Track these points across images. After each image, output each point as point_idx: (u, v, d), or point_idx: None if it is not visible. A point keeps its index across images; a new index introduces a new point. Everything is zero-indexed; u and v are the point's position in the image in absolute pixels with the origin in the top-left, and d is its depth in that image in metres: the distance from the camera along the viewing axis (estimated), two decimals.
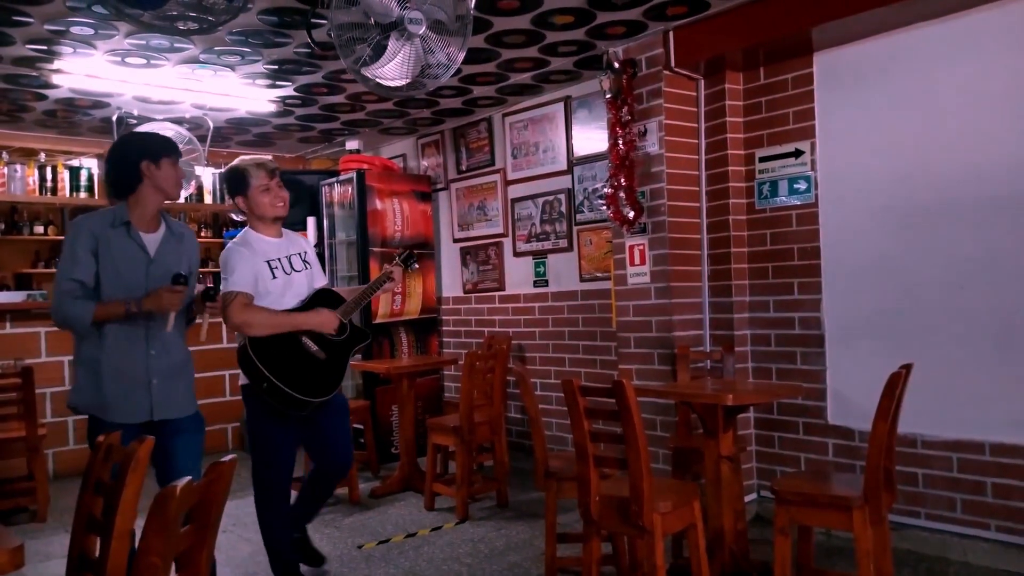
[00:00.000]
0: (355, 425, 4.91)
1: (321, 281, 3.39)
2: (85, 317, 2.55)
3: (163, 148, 2.75)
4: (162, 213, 2.79)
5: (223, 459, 1.43)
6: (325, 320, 3.15)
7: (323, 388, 3.14)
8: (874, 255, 3.82)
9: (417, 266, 3.81)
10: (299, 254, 3.28)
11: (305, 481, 3.49)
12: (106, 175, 2.80)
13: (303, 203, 6.67)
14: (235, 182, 3.20)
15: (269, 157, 3.49)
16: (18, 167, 6.67)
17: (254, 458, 3.23)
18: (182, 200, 6.20)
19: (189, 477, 1.32)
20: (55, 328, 5.70)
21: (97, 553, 1.58)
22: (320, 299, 3.25)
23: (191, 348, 2.87)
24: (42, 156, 6.74)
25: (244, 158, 3.25)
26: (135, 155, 2.68)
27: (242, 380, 3.15)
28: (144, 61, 4.50)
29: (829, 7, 3.56)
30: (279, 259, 3.18)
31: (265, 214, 3.18)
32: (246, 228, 3.24)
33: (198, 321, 2.82)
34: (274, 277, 3.13)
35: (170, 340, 2.72)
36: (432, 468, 4.55)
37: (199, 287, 2.90)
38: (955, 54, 3.51)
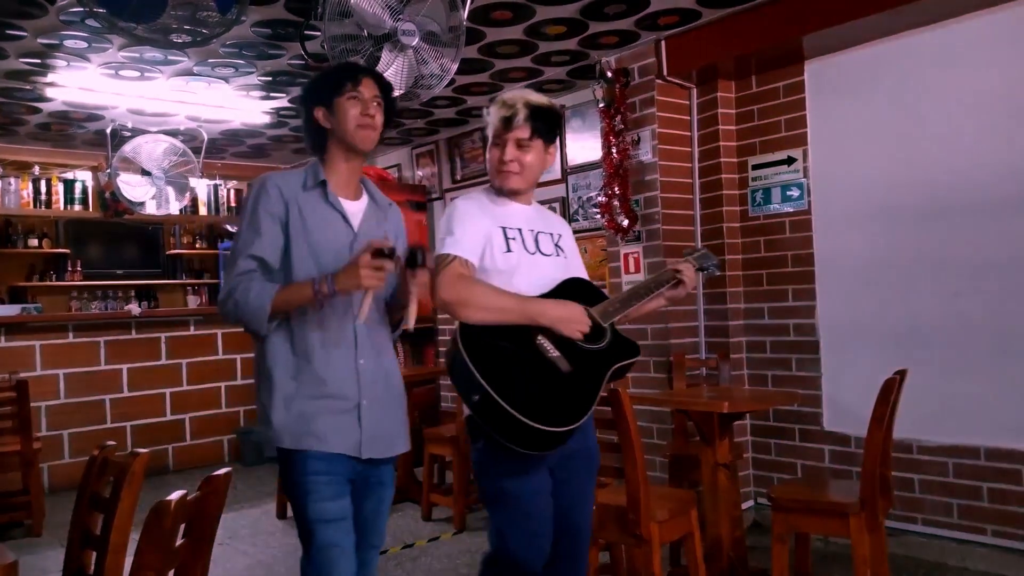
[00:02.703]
0: None
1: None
2: (264, 305, 1.86)
3: (336, 84, 2.03)
4: (363, 180, 2.16)
5: (218, 472, 1.43)
6: (571, 315, 2.08)
7: (565, 414, 1.98)
8: (868, 261, 3.83)
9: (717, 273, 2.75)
10: (551, 235, 2.32)
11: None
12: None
13: None
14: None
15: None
16: (12, 180, 6.67)
17: (495, 529, 2.14)
18: (176, 211, 6.17)
19: (184, 492, 1.31)
20: (51, 341, 5.66)
21: (93, 568, 1.58)
22: (568, 291, 2.22)
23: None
24: (36, 169, 6.74)
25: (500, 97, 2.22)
26: (309, 102, 2.09)
27: (466, 409, 2.09)
28: (138, 74, 4.51)
29: (819, 16, 3.59)
30: (520, 230, 2.22)
31: (495, 178, 2.23)
32: (481, 187, 2.35)
33: (405, 315, 1.98)
34: (508, 250, 2.17)
35: (382, 344, 2.08)
36: (429, 478, 4.54)
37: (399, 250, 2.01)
38: (944, 61, 3.54)
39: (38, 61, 4.22)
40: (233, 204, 7.95)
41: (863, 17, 3.44)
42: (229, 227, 8.19)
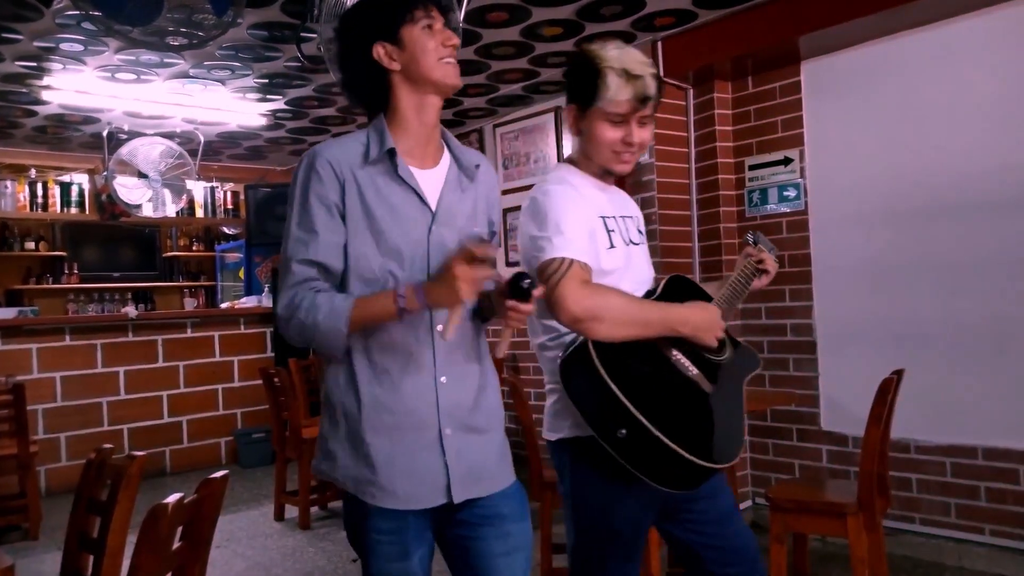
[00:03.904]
0: None
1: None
2: (338, 327, 1.45)
3: (403, 9, 1.55)
4: (442, 132, 1.66)
5: (215, 475, 1.43)
6: (712, 319, 1.78)
7: (725, 444, 1.75)
8: (865, 261, 3.84)
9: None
10: (633, 218, 1.99)
11: None
12: (341, 84, 1.66)
13: None
14: (583, 82, 1.82)
15: None
16: (8, 183, 6.66)
17: (576, 568, 1.89)
18: (172, 214, 6.16)
19: (181, 495, 1.31)
20: (48, 344, 5.63)
21: (90, 571, 1.58)
22: (677, 292, 1.88)
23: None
24: (32, 172, 6.74)
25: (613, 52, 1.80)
26: (362, 38, 1.57)
27: (555, 430, 1.83)
28: (134, 76, 4.50)
29: (815, 17, 3.59)
30: (615, 218, 1.90)
31: (605, 161, 1.86)
32: (559, 166, 1.95)
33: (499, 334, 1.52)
34: (611, 245, 1.83)
35: (469, 354, 1.62)
36: None
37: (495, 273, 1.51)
38: (940, 61, 3.54)
39: (34, 64, 4.21)
40: (229, 206, 7.94)
41: (859, 18, 3.44)
42: (227, 229, 8.19)
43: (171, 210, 5.91)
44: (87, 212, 7.06)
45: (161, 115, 5.34)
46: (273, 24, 3.76)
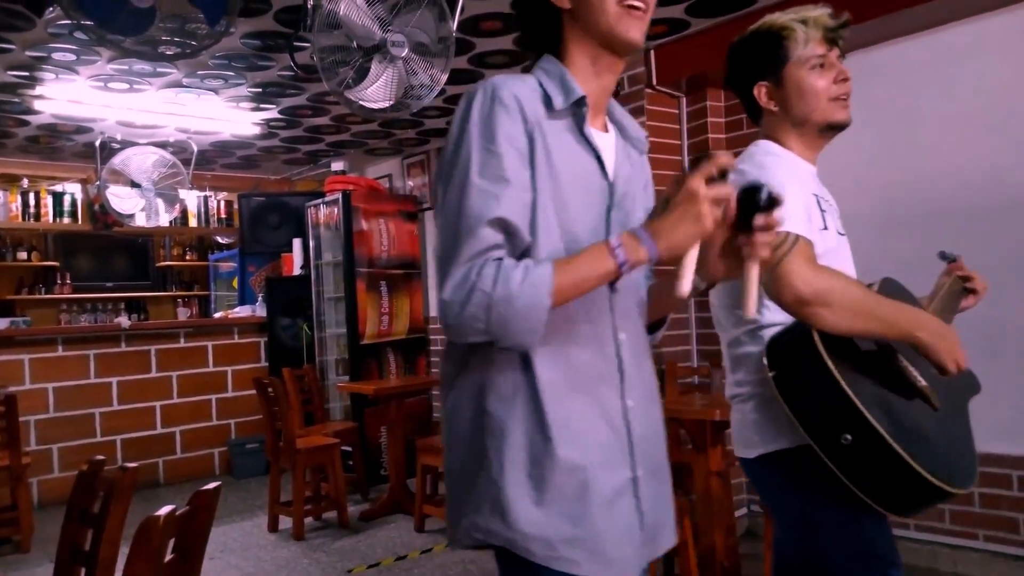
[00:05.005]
0: (343, 447, 4.88)
1: None
2: (540, 300, 1.07)
3: None
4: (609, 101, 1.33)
5: (207, 487, 1.42)
6: (950, 332, 1.51)
7: (959, 467, 1.52)
8: (859, 266, 3.84)
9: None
10: (834, 204, 1.80)
11: None
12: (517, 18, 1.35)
13: (289, 225, 6.68)
14: (763, 51, 1.68)
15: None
16: (1, 193, 6.65)
17: None
18: (166, 223, 6.15)
19: (173, 507, 1.30)
20: (40, 354, 5.61)
21: None
22: (890, 295, 1.66)
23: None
24: (25, 182, 6.73)
25: (781, 15, 1.68)
26: None
27: (757, 444, 1.58)
28: (127, 86, 4.50)
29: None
30: (830, 202, 1.76)
31: (823, 115, 1.64)
32: (758, 144, 1.71)
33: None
34: (825, 227, 1.63)
35: (648, 369, 1.31)
36: (422, 489, 4.52)
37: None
38: (933, 67, 3.56)
39: (26, 74, 4.21)
40: (223, 215, 7.93)
41: (852, 25, 3.46)
42: (220, 239, 8.18)
43: (164, 219, 5.90)
44: (80, 222, 7.04)
45: (154, 124, 5.34)
46: (266, 33, 3.77)
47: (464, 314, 1.07)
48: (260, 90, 4.70)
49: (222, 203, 7.91)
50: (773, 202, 1.09)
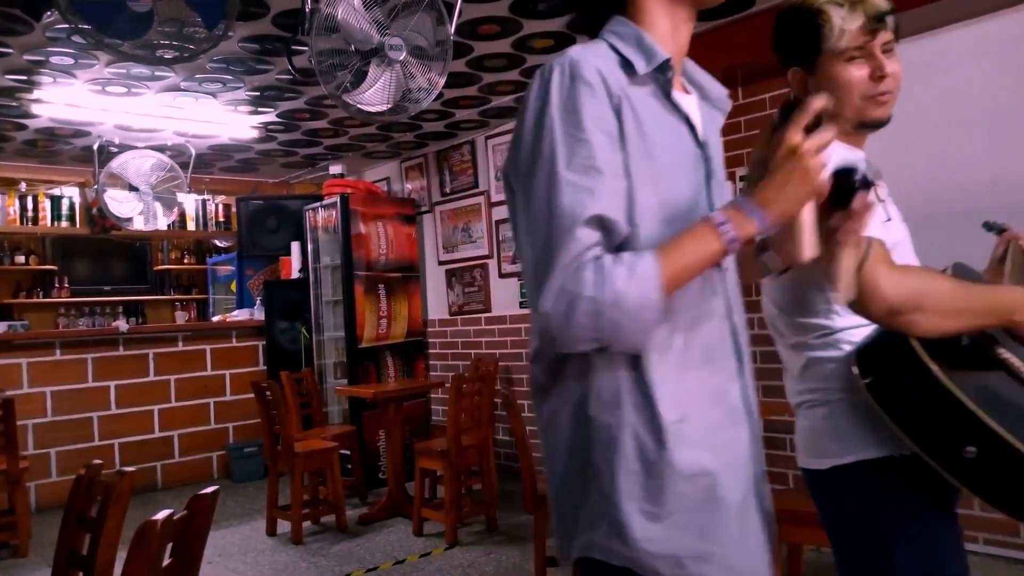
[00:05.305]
0: (341, 451, 4.88)
1: None
2: (648, 292, 0.97)
3: None
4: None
5: (205, 491, 1.41)
6: None
7: None
8: None
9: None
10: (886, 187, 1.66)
11: None
12: None
13: (287, 228, 6.68)
14: (797, 35, 1.54)
15: None
16: None
17: None
18: (164, 227, 6.15)
19: (171, 511, 1.30)
20: (38, 358, 5.60)
21: None
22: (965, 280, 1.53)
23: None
24: (23, 185, 6.72)
25: None
26: None
27: (836, 454, 1.45)
28: (125, 89, 4.50)
29: None
30: (884, 187, 1.67)
31: (855, 113, 1.57)
32: None
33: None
34: (888, 217, 1.53)
35: (749, 367, 1.21)
36: (420, 493, 4.52)
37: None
38: (928, 72, 3.57)
39: (24, 78, 4.20)
40: (221, 219, 7.92)
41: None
42: (218, 242, 8.17)
43: (162, 223, 5.89)
44: (77, 226, 7.03)
45: (152, 128, 5.33)
46: (264, 37, 3.77)
47: (570, 325, 0.97)
48: (258, 93, 4.70)
49: (220, 206, 7.91)
50: (868, 184, 1.02)
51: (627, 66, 1.07)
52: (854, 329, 1.41)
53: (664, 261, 0.98)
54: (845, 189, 1.02)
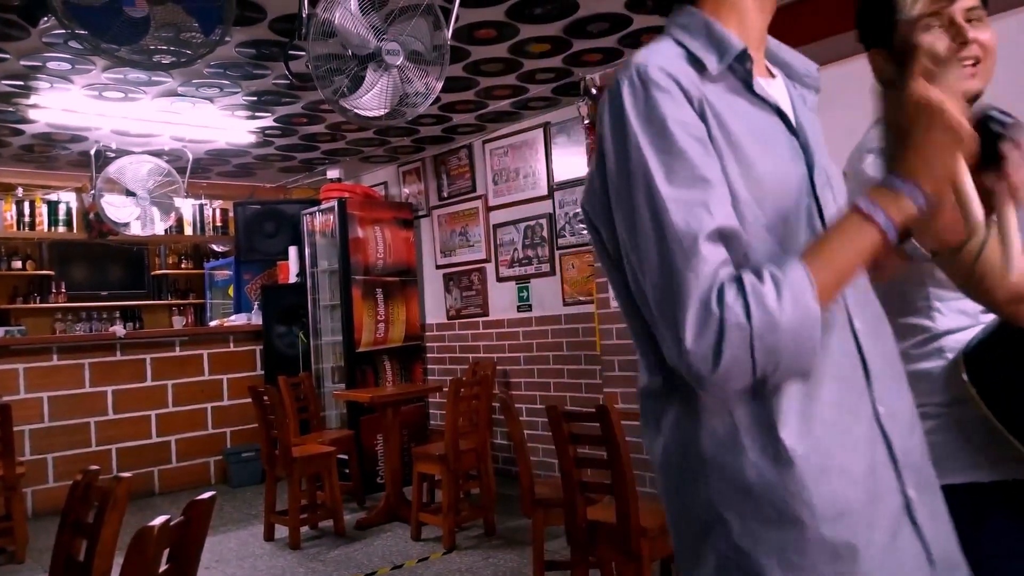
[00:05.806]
0: (339, 455, 4.87)
1: None
2: (809, 311, 0.85)
3: None
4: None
5: (202, 496, 1.41)
6: None
7: None
8: None
9: None
10: None
11: None
12: None
13: (285, 233, 6.68)
14: (871, 12, 1.44)
15: None
16: None
17: None
18: (161, 232, 6.14)
19: (167, 517, 1.30)
20: (35, 364, 5.59)
21: None
22: None
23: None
24: (19, 191, 6.71)
25: None
26: None
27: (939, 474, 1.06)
28: (122, 95, 4.50)
29: (800, 33, 3.62)
30: None
31: None
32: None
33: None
34: None
35: (895, 359, 1.03)
36: (418, 497, 4.51)
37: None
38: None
39: (21, 83, 4.20)
40: (218, 224, 7.91)
41: (844, 32, 3.48)
42: (216, 247, 8.17)
43: (159, 228, 5.89)
44: (74, 231, 7.03)
45: (149, 133, 5.33)
46: (261, 42, 3.77)
47: (723, 361, 0.84)
48: (255, 98, 4.70)
49: (217, 211, 7.90)
50: (1014, 128, 0.88)
51: (697, 63, 0.97)
52: (957, 333, 1.27)
53: (813, 268, 0.86)
54: (989, 139, 0.87)
